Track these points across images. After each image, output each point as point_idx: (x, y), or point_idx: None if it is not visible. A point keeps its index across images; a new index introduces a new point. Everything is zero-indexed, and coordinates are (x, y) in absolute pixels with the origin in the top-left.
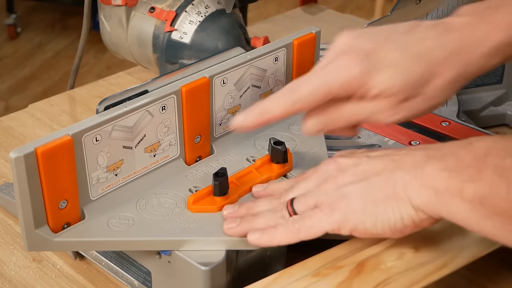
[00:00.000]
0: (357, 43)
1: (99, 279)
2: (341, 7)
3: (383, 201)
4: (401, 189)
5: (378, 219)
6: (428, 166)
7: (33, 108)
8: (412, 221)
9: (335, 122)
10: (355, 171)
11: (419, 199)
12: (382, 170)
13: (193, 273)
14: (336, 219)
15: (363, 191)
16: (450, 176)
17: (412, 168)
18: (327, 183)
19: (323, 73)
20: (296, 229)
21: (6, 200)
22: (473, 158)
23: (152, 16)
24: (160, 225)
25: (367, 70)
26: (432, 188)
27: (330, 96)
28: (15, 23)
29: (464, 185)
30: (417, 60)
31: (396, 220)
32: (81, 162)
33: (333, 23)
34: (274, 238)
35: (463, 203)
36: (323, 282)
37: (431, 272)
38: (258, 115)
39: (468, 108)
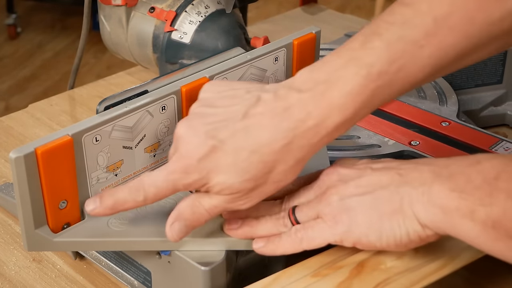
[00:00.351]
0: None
1: (99, 279)
2: (341, 7)
3: (389, 216)
4: (408, 204)
5: (383, 233)
6: (436, 185)
7: (33, 108)
8: (418, 236)
9: (199, 220)
10: (359, 183)
11: (425, 217)
12: (387, 183)
13: (193, 273)
14: (339, 232)
15: (368, 204)
16: (460, 197)
17: (419, 185)
18: (330, 194)
19: (167, 172)
20: (299, 238)
21: (6, 200)
22: (483, 180)
23: (152, 16)
24: (160, 225)
25: (204, 174)
26: (441, 207)
27: (177, 191)
28: (15, 23)
29: (475, 208)
30: (254, 155)
31: (402, 235)
32: (81, 162)
33: (333, 23)
34: (278, 247)
35: (474, 224)
36: (323, 282)
37: (431, 272)
38: (111, 207)
39: (468, 108)
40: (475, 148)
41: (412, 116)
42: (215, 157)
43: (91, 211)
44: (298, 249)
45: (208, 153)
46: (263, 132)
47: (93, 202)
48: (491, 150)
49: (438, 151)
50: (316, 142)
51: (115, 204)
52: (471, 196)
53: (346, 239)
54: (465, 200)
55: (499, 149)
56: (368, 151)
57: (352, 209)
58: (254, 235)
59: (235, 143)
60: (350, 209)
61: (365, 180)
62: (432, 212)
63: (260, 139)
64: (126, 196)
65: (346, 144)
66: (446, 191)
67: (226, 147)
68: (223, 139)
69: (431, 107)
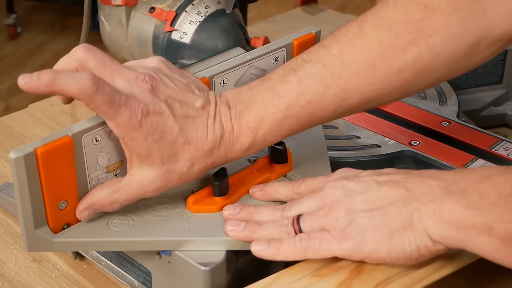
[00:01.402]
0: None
1: (99, 279)
2: (341, 7)
3: (398, 232)
4: (418, 220)
5: (393, 249)
6: (448, 202)
7: (33, 108)
8: (429, 251)
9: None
10: (365, 198)
11: (438, 234)
12: (395, 199)
13: (193, 273)
14: (348, 247)
15: (377, 220)
16: (475, 214)
17: (429, 201)
18: (337, 209)
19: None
20: (304, 247)
21: (6, 200)
22: (498, 196)
23: (152, 16)
24: (160, 225)
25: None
26: (455, 225)
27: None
28: (15, 23)
29: (493, 225)
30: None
31: (412, 250)
32: (81, 163)
33: (333, 23)
34: (279, 252)
35: (492, 240)
36: (323, 282)
37: (431, 272)
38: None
39: (468, 108)
40: (475, 148)
41: (412, 116)
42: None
43: (24, 84)
44: (301, 257)
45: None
46: (198, 131)
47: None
48: (491, 150)
49: (438, 151)
50: (229, 156)
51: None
52: (487, 213)
53: (355, 255)
54: (481, 217)
55: (499, 149)
56: (368, 151)
57: (360, 225)
58: (256, 239)
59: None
60: (358, 225)
61: (371, 195)
62: (446, 229)
63: (195, 134)
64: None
65: (346, 144)
66: (460, 208)
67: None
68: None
69: (431, 107)
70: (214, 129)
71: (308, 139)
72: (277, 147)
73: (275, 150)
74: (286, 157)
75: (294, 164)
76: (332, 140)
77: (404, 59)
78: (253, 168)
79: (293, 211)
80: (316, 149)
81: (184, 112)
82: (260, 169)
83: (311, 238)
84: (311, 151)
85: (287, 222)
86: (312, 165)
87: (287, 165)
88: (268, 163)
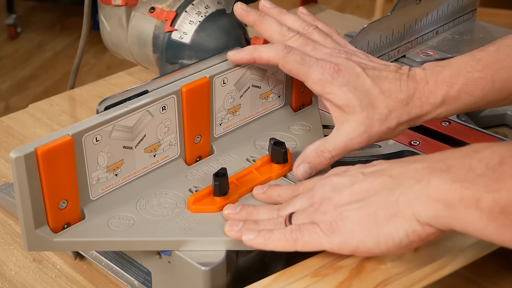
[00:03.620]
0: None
1: (99, 279)
2: (341, 7)
3: (385, 220)
4: (405, 206)
5: (381, 239)
6: (435, 179)
7: (33, 108)
8: (418, 236)
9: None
10: (352, 191)
11: (427, 214)
12: (381, 188)
13: (193, 273)
14: (336, 242)
15: (363, 211)
16: (463, 187)
17: (415, 183)
18: (325, 205)
19: None
20: (293, 239)
21: (6, 200)
22: (486, 167)
23: (152, 16)
24: (160, 225)
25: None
26: (442, 201)
27: None
28: (15, 23)
29: (480, 196)
30: (382, 94)
31: (401, 237)
32: (81, 162)
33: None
34: (269, 242)
35: (480, 213)
36: (323, 282)
37: (431, 272)
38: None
39: None
40: None
41: None
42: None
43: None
44: (291, 249)
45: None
46: (391, 84)
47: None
48: None
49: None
50: (425, 109)
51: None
52: (474, 185)
53: (344, 248)
54: (468, 189)
55: None
56: (368, 151)
57: (347, 218)
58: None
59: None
60: (345, 217)
61: (358, 187)
62: (434, 208)
63: (389, 86)
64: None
65: None
66: (447, 183)
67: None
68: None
69: None
70: (408, 83)
71: (308, 139)
72: (277, 148)
73: (275, 150)
74: (286, 157)
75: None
76: None
77: None
78: (253, 168)
79: (287, 210)
80: None
81: (377, 72)
82: (260, 169)
83: (301, 230)
84: None
85: (281, 220)
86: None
87: (287, 165)
88: (268, 163)
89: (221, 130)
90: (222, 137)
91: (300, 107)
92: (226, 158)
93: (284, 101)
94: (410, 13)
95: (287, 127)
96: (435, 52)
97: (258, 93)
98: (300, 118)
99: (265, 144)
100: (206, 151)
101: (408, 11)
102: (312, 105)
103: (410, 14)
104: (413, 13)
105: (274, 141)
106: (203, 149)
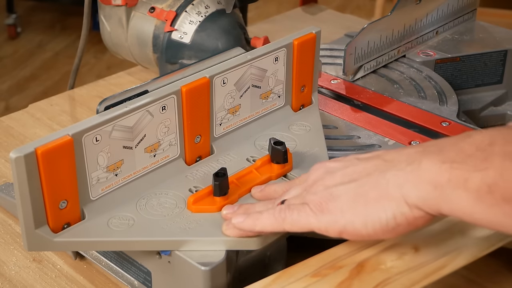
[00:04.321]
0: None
1: (99, 279)
2: (341, 7)
3: (374, 201)
4: (395, 187)
5: (369, 219)
6: (426, 160)
7: (33, 108)
8: (406, 219)
9: None
10: (344, 173)
11: (416, 196)
12: (372, 170)
13: (193, 273)
14: (324, 221)
15: (353, 192)
16: (452, 167)
17: (407, 165)
18: (316, 185)
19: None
20: (282, 218)
21: (6, 200)
22: (476, 149)
23: (152, 16)
24: (160, 225)
25: None
26: (432, 182)
27: None
28: (15, 23)
29: (468, 175)
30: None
31: (388, 219)
32: (81, 162)
33: (333, 23)
34: (258, 222)
35: (468, 193)
36: (323, 282)
37: (431, 272)
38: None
39: (468, 108)
40: None
41: (412, 116)
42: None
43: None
44: (279, 229)
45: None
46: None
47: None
48: None
49: None
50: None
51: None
52: (463, 165)
53: (332, 228)
54: (457, 169)
55: None
56: (368, 151)
57: (337, 197)
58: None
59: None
60: (335, 197)
61: (350, 169)
62: (423, 189)
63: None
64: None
65: (346, 144)
66: (436, 164)
67: None
68: None
69: (431, 107)
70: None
71: (308, 139)
72: (277, 147)
73: (275, 150)
74: (286, 157)
75: (294, 164)
76: (332, 140)
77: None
78: (253, 168)
79: (281, 199)
80: (316, 149)
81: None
82: (260, 169)
83: (290, 209)
84: (311, 151)
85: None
86: (312, 165)
87: (287, 165)
88: (268, 163)
89: (221, 130)
90: (222, 137)
91: (300, 107)
92: (226, 158)
93: (284, 101)
94: (410, 13)
95: (287, 127)
96: (435, 52)
97: (258, 93)
98: (300, 118)
99: (265, 144)
100: (206, 151)
101: (408, 11)
102: (312, 105)
103: (410, 14)
104: (413, 13)
105: (274, 141)
106: (203, 149)
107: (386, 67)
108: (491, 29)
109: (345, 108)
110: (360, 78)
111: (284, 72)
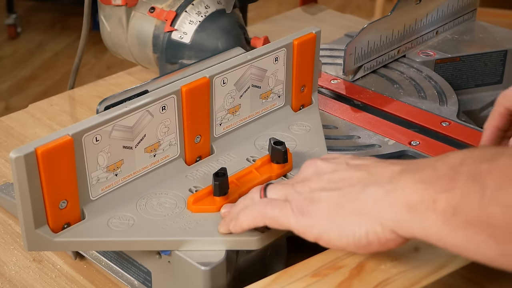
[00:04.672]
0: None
1: (99, 279)
2: (341, 7)
3: (351, 214)
4: (372, 205)
5: (343, 231)
6: (403, 180)
7: (33, 108)
8: (378, 238)
9: None
10: (331, 178)
11: (390, 218)
12: (357, 181)
13: (193, 273)
14: (303, 224)
15: (334, 200)
16: (423, 187)
17: (387, 183)
18: (303, 185)
19: None
20: (263, 212)
21: (6, 200)
22: (448, 169)
23: (152, 16)
24: (160, 225)
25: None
26: (406, 203)
27: None
28: (15, 23)
29: (437, 196)
30: None
31: (360, 235)
32: (81, 162)
33: (333, 23)
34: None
35: (436, 215)
36: (323, 282)
37: (431, 272)
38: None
39: (468, 108)
40: None
41: (412, 116)
42: None
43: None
44: (260, 223)
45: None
46: None
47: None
48: None
49: (438, 151)
50: None
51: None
52: (433, 185)
53: (309, 232)
54: (428, 189)
55: None
56: (368, 151)
57: (318, 203)
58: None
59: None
60: (317, 202)
61: (337, 175)
62: (398, 210)
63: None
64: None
65: (346, 144)
66: (412, 184)
67: None
68: None
69: (431, 107)
70: None
71: (308, 139)
72: (277, 147)
73: (275, 150)
74: (286, 157)
75: (294, 164)
76: (332, 140)
77: None
78: (253, 168)
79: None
80: (316, 149)
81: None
82: (260, 169)
83: (272, 205)
84: (311, 151)
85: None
86: None
87: (287, 165)
88: (268, 163)
89: (221, 130)
90: (222, 137)
91: (300, 107)
92: (226, 158)
93: (284, 101)
94: (410, 13)
95: (287, 127)
96: (435, 52)
97: (258, 93)
98: (300, 118)
99: (265, 144)
100: (206, 151)
101: (408, 11)
102: (312, 105)
103: (410, 14)
104: (413, 13)
105: (274, 141)
106: (203, 149)
107: (386, 67)
108: (491, 29)
109: (345, 108)
110: (360, 78)
111: (284, 72)
